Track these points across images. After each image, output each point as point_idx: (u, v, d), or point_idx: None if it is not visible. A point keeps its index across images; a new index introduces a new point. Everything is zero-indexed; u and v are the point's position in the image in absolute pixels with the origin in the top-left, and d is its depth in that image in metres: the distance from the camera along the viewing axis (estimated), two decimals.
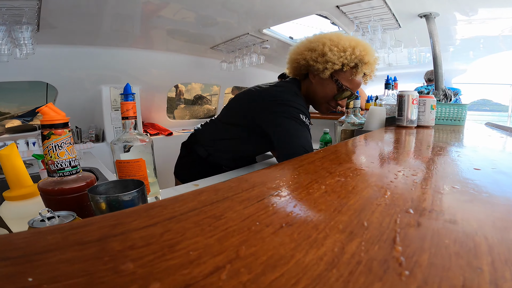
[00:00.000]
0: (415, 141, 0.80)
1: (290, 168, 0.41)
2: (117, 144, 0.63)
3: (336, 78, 0.98)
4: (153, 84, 3.05)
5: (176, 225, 0.22)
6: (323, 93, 1.01)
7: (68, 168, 0.55)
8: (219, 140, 1.11)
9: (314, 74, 1.00)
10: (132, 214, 0.24)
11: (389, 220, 0.25)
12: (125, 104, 0.62)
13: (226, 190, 0.31)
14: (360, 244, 0.21)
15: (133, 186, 0.56)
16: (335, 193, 0.31)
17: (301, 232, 0.22)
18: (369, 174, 0.39)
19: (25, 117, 2.55)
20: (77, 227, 0.21)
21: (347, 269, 0.18)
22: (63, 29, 2.08)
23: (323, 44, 0.96)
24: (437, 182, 0.36)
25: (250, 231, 0.22)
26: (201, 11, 2.26)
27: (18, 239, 0.19)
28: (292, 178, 0.37)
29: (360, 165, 0.44)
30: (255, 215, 0.25)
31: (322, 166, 0.41)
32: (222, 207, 0.26)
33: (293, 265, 0.18)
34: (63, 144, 0.53)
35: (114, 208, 0.48)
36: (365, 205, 0.28)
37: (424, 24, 2.06)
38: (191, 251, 0.19)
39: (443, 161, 0.50)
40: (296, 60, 1.02)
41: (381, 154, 0.57)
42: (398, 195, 0.31)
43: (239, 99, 1.11)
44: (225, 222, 0.23)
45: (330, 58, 0.94)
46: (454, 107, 1.34)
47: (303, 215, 0.26)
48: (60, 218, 0.50)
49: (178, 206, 0.26)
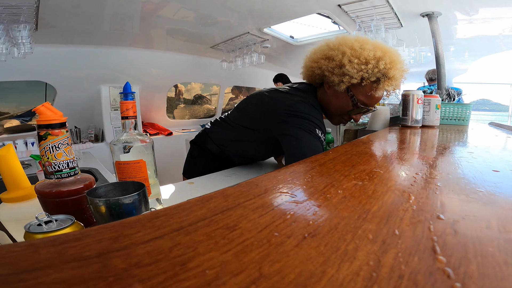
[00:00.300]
0: (424, 141, 0.78)
1: (301, 170, 0.39)
2: (117, 144, 0.61)
3: (352, 93, 0.89)
4: (152, 83, 3.03)
5: (186, 238, 0.20)
6: (336, 106, 0.94)
7: (66, 170, 0.53)
8: (232, 141, 1.07)
9: (329, 84, 0.92)
10: (135, 224, 0.21)
11: (422, 228, 0.23)
12: (125, 103, 0.60)
13: (236, 196, 0.28)
14: (397, 256, 0.19)
15: (133, 188, 0.53)
16: (355, 198, 0.29)
17: (328, 244, 0.20)
18: (386, 177, 0.37)
19: (24, 117, 2.53)
20: (73, 239, 0.19)
21: (390, 284, 0.16)
22: (62, 28, 2.06)
23: (342, 53, 0.86)
24: (460, 185, 0.34)
25: (270, 243, 0.20)
26: (201, 10, 2.24)
27: (8, 253, 0.17)
28: (306, 182, 0.34)
29: (375, 167, 0.42)
30: (272, 224, 0.23)
31: (334, 169, 0.39)
32: (235, 216, 0.24)
33: (326, 283, 0.16)
34: (61, 145, 0.51)
35: (114, 211, 0.46)
36: (391, 212, 0.26)
37: (424, 24, 2.04)
38: (207, 270, 0.17)
39: (459, 162, 0.48)
40: (311, 68, 0.95)
41: (393, 155, 0.55)
42: (423, 199, 0.29)
43: (253, 103, 1.03)
44: (240, 234, 0.21)
45: (348, 71, 0.84)
46: (458, 106, 1.33)
47: (326, 223, 0.24)
48: (58, 222, 0.48)
49: (186, 215, 0.23)
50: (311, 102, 0.90)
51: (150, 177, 0.65)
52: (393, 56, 0.87)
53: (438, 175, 0.38)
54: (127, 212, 0.48)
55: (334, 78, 0.87)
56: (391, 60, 0.85)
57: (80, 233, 0.19)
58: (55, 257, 0.17)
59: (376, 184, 0.34)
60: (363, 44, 0.86)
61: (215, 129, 1.12)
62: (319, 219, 0.24)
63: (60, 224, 0.48)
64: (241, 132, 1.02)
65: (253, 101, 1.03)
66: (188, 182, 1.05)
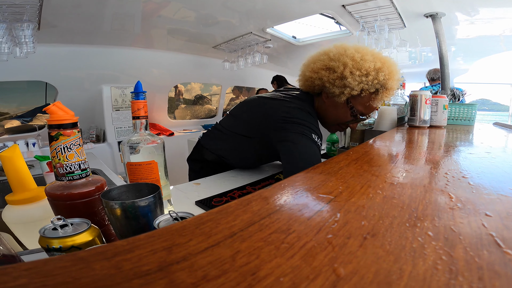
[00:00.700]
0: (439, 142, 0.78)
1: (330, 171, 0.38)
2: (127, 145, 0.60)
3: (352, 104, 0.90)
4: (154, 83, 3.02)
5: (243, 245, 0.19)
6: (335, 116, 0.95)
7: (78, 172, 0.52)
8: (230, 150, 1.06)
9: (327, 95, 0.92)
10: (183, 231, 0.20)
11: (476, 224, 0.23)
12: (136, 103, 0.59)
13: (276, 198, 0.28)
14: (465, 250, 0.19)
15: (147, 190, 0.52)
16: (397, 198, 0.29)
17: (392, 243, 0.20)
18: (418, 177, 0.37)
19: (25, 117, 2.51)
20: (124, 251, 0.17)
21: (473, 275, 0.16)
22: (63, 28, 2.05)
23: (344, 65, 0.85)
24: (492, 184, 0.34)
25: (333, 245, 0.20)
26: (201, 10, 2.24)
27: (57, 270, 0.16)
28: (340, 182, 0.34)
29: (402, 167, 0.41)
30: (325, 226, 0.23)
31: (362, 169, 0.38)
32: (283, 219, 0.23)
33: (410, 279, 0.16)
34: (72, 145, 0.50)
35: (130, 214, 0.45)
36: (439, 210, 0.26)
37: (426, 24, 2.05)
38: (280, 277, 0.16)
39: (482, 162, 0.47)
40: (311, 78, 0.93)
41: (416, 155, 0.54)
42: (464, 198, 0.29)
43: (250, 110, 1.00)
44: (297, 237, 0.20)
45: (349, 83, 0.85)
46: (464, 106, 1.32)
47: (380, 223, 0.23)
48: (73, 226, 0.47)
49: (232, 219, 0.22)
50: (307, 110, 0.89)
51: (161, 178, 0.64)
52: (391, 67, 0.87)
53: (468, 174, 0.38)
54: (143, 214, 0.47)
55: (335, 90, 0.87)
56: (389, 71, 0.86)
57: (128, 243, 0.18)
58: (115, 274, 0.16)
59: (411, 184, 0.34)
60: (364, 55, 0.86)
61: (209, 140, 1.11)
62: (371, 219, 0.24)
63: (76, 228, 0.47)
64: (238, 140, 1.00)
65: (249, 107, 1.01)
66: (194, 183, 1.04)
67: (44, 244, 0.44)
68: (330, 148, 1.63)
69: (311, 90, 0.97)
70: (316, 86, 0.93)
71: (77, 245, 0.44)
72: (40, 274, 0.15)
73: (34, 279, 0.15)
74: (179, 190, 0.98)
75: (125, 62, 2.66)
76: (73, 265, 0.16)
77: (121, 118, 2.62)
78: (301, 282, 0.15)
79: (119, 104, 2.60)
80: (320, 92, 0.95)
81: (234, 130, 1.01)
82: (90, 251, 0.17)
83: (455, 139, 0.83)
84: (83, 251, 0.18)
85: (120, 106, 2.61)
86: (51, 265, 0.16)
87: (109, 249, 0.17)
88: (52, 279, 0.15)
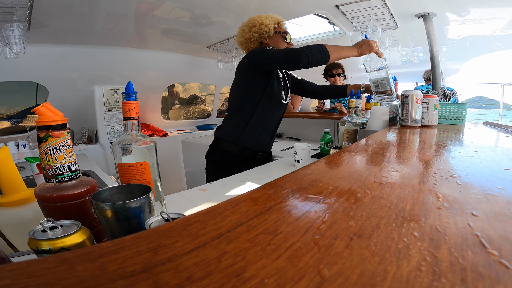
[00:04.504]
0: (430, 141, 0.79)
1: (321, 171, 0.38)
2: (119, 146, 0.59)
3: (277, 31, 1.40)
4: (147, 84, 3.00)
5: (230, 246, 0.19)
6: (279, 43, 1.41)
7: (68, 173, 0.51)
8: (242, 124, 1.40)
9: (264, 37, 1.40)
10: (169, 233, 0.20)
11: (462, 224, 0.24)
12: (127, 103, 0.58)
13: (265, 199, 0.28)
14: (450, 251, 0.19)
15: (139, 191, 0.52)
16: (385, 198, 0.29)
17: (378, 244, 0.20)
18: (407, 176, 0.37)
19: (15, 119, 2.47)
20: (109, 252, 0.17)
21: (456, 277, 0.17)
22: (54, 28, 2.02)
23: (255, 20, 1.39)
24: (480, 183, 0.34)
25: (319, 246, 0.20)
26: (196, 10, 2.22)
27: (40, 270, 0.16)
28: (330, 183, 0.34)
29: (392, 167, 0.41)
30: (313, 227, 0.23)
31: (353, 169, 0.38)
32: (272, 220, 0.23)
33: (392, 281, 0.16)
34: (62, 147, 0.49)
35: (121, 216, 0.45)
36: (426, 210, 0.26)
37: (418, 24, 2.07)
38: (265, 279, 0.16)
39: (471, 161, 0.48)
40: (251, 37, 1.40)
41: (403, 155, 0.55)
42: (451, 198, 0.30)
43: (238, 67, 1.44)
44: (284, 238, 0.20)
45: (267, 23, 1.37)
46: (454, 106, 1.34)
47: (367, 224, 0.24)
48: (63, 228, 0.47)
49: (220, 220, 0.22)
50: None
51: (153, 179, 0.63)
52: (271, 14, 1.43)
53: (456, 173, 0.38)
54: (134, 216, 0.46)
55: (265, 29, 1.37)
56: (272, 15, 1.43)
57: (114, 245, 0.18)
58: (98, 275, 0.15)
59: (400, 184, 0.34)
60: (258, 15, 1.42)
61: (224, 128, 1.45)
62: (358, 220, 0.24)
63: (66, 230, 0.46)
64: (242, 101, 1.39)
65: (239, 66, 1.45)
66: (200, 189, 1.04)
67: (34, 246, 0.43)
68: (324, 147, 1.64)
69: (255, 45, 1.42)
70: (256, 38, 1.40)
71: (66, 247, 0.44)
72: (24, 275, 0.15)
73: (18, 280, 0.15)
74: (184, 197, 0.98)
75: (119, 63, 2.64)
76: (57, 266, 0.16)
77: (113, 119, 2.59)
78: (285, 284, 0.15)
79: (112, 104, 2.58)
80: (260, 42, 1.42)
81: (237, 92, 1.44)
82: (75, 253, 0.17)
83: (446, 138, 0.84)
84: (68, 253, 0.18)
85: (113, 107, 2.58)
86: (34, 266, 0.16)
87: (94, 251, 0.17)
88: (35, 280, 0.15)
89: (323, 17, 2.40)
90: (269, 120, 1.45)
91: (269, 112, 1.43)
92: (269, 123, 1.46)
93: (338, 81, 2.64)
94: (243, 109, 1.40)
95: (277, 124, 1.54)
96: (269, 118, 1.45)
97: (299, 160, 1.37)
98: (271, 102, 1.42)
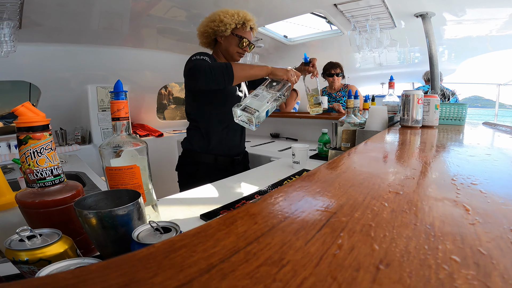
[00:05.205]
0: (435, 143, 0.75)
1: (327, 179, 0.34)
2: (107, 149, 0.55)
3: (235, 33, 1.31)
4: (142, 83, 2.95)
5: (223, 284, 0.15)
6: (231, 46, 1.34)
7: (50, 178, 0.48)
8: (206, 130, 1.35)
9: (220, 36, 1.33)
10: (148, 263, 0.16)
11: (505, 243, 0.20)
12: (116, 103, 0.55)
13: (265, 215, 0.24)
14: (503, 278, 0.16)
15: (127, 197, 0.49)
16: (407, 213, 0.25)
17: (412, 273, 0.16)
18: (425, 184, 0.33)
19: (7, 119, 2.42)
20: (64, 286, 0.13)
21: None
22: (48, 27, 1.98)
23: (218, 15, 1.30)
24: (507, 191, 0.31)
25: (338, 282, 0.15)
26: (192, 10, 2.19)
27: None
28: (339, 193, 0.30)
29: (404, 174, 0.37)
30: (327, 253, 0.18)
31: (362, 176, 0.34)
32: (275, 244, 0.19)
33: None
34: (43, 150, 0.46)
35: (108, 224, 0.41)
36: (459, 227, 0.22)
37: (415, 24, 2.05)
38: None
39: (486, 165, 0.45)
40: (205, 31, 1.34)
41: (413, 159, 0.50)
42: (482, 210, 0.26)
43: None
44: (293, 271, 0.16)
45: (226, 21, 1.28)
46: (454, 106, 1.32)
47: (393, 247, 0.19)
48: (42, 237, 0.43)
49: (212, 245, 0.18)
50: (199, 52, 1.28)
51: (144, 183, 0.60)
52: (243, 11, 1.33)
53: (476, 180, 0.34)
54: (121, 224, 0.43)
55: (221, 28, 1.29)
56: (243, 12, 1.32)
57: (73, 276, 0.14)
58: None
59: (419, 194, 0.30)
60: (227, 9, 1.32)
61: (190, 138, 1.41)
62: (382, 242, 0.20)
63: (46, 239, 0.43)
64: (196, 104, 1.36)
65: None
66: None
67: (10, 257, 0.40)
68: (321, 148, 1.62)
69: (209, 40, 1.38)
70: (210, 34, 1.34)
71: (46, 258, 0.41)
72: None
73: None
74: (179, 200, 0.94)
75: (114, 62, 2.59)
76: None
77: (107, 119, 2.54)
78: None
79: (106, 104, 2.53)
80: (215, 39, 1.37)
81: (189, 99, 1.39)
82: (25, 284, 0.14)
83: (450, 140, 0.81)
84: (17, 283, 0.14)
85: (107, 107, 2.54)
86: None
87: (48, 283, 0.14)
88: None
89: (321, 17, 2.37)
90: (229, 113, 1.33)
91: (229, 109, 1.33)
92: (230, 116, 1.36)
93: (337, 80, 2.62)
94: (201, 115, 1.35)
95: None
96: (228, 111, 1.32)
97: (297, 161, 1.35)
98: (227, 99, 1.35)
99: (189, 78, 1.17)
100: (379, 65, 3.93)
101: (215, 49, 1.41)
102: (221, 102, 1.34)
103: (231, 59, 1.39)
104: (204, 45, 1.43)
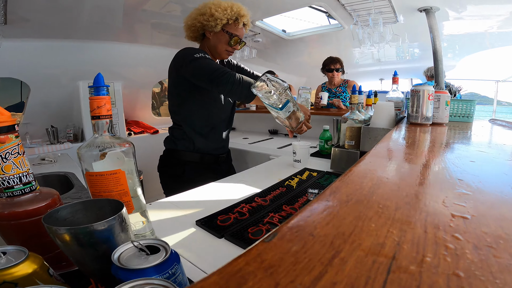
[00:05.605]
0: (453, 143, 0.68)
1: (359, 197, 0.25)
2: (87, 151, 0.49)
3: (226, 30, 1.21)
4: (137, 79, 2.87)
5: None
6: (220, 43, 1.24)
7: (19, 186, 0.41)
8: (191, 129, 1.28)
9: (209, 31, 1.22)
10: None
11: None
12: (96, 99, 0.48)
13: (289, 265, 0.15)
14: None
15: (109, 207, 0.42)
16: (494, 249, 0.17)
17: None
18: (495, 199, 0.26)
19: None
20: None
21: None
22: (36, 22, 1.89)
23: (209, 8, 1.18)
24: None
25: None
26: (188, 4, 2.12)
27: None
28: (388, 223, 0.21)
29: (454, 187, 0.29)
30: None
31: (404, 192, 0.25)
32: None
33: None
34: (8, 154, 0.39)
35: (85, 241, 0.35)
36: None
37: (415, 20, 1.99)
38: None
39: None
40: (193, 25, 1.23)
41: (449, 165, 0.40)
42: None
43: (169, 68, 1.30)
44: None
45: (218, 16, 1.17)
46: (463, 103, 1.26)
47: None
48: (6, 256, 0.37)
49: None
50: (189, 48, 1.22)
51: (131, 189, 0.53)
52: (238, 4, 1.22)
53: None
54: (102, 240, 0.36)
55: (211, 23, 1.18)
56: (238, 6, 1.21)
57: None
58: None
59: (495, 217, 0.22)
60: (219, 1, 1.21)
61: (174, 137, 1.32)
62: None
63: (10, 259, 0.36)
64: (179, 102, 1.28)
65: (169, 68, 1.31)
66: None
67: None
68: (323, 146, 1.56)
69: (197, 34, 1.27)
70: (199, 28, 1.23)
71: (11, 281, 0.34)
72: None
73: None
74: (173, 204, 0.87)
75: (106, 58, 2.50)
76: None
77: None
78: None
79: None
80: (203, 34, 1.26)
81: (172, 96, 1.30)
82: None
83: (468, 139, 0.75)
84: None
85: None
86: None
87: None
88: None
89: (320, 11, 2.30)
90: (214, 115, 1.32)
91: (215, 108, 1.31)
92: (215, 118, 1.32)
93: (336, 76, 2.55)
94: (187, 114, 1.28)
95: (229, 116, 1.41)
96: (214, 113, 1.31)
97: (298, 160, 1.29)
98: (214, 98, 1.29)
99: (211, 81, 1.08)
100: (378, 60, 3.89)
101: (202, 43, 1.30)
102: (207, 101, 1.28)
103: (219, 57, 1.30)
104: (190, 39, 1.31)
